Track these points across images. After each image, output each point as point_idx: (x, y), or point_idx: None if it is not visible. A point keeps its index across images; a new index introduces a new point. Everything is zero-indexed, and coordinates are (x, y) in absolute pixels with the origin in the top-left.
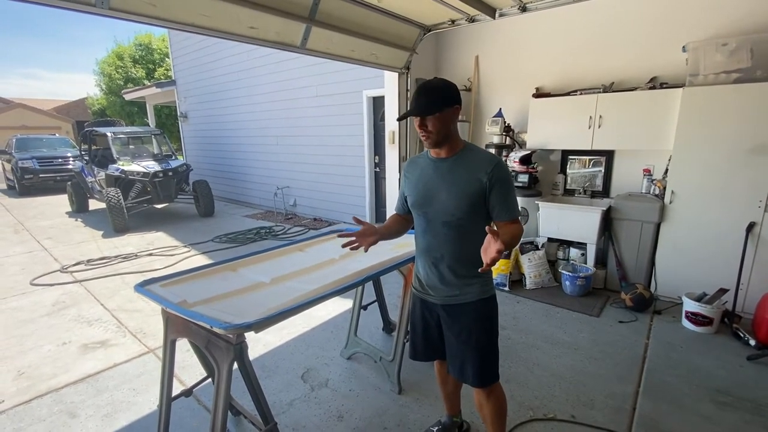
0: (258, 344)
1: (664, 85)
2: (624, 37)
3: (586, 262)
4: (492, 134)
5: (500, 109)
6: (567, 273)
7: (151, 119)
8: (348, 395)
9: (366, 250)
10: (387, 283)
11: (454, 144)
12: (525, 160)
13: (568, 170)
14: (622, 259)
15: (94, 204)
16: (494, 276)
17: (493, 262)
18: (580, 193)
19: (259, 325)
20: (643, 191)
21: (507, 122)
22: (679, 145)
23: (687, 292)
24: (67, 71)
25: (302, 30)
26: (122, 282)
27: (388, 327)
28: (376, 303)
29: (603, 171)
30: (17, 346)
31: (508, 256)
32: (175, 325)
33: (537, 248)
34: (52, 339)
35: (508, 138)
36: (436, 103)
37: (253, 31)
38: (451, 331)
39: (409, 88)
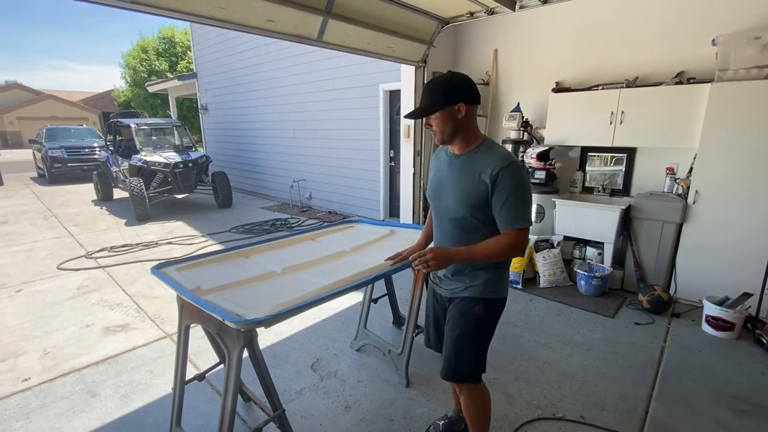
0: (269, 333)
1: (691, 80)
2: (650, 29)
3: (602, 262)
4: (509, 129)
5: (518, 103)
6: (582, 272)
7: (173, 111)
8: (356, 386)
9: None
10: (398, 278)
11: (467, 140)
12: (542, 157)
13: (587, 167)
14: (640, 260)
15: (118, 193)
16: None
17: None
18: (599, 191)
19: (269, 321)
20: (666, 190)
21: (525, 117)
22: (706, 142)
23: (708, 295)
24: (95, 64)
25: (319, 23)
26: (142, 269)
27: (398, 321)
28: (387, 297)
29: (624, 169)
30: (44, 326)
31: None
32: (190, 312)
33: (552, 246)
34: (76, 321)
35: (525, 133)
36: (438, 102)
37: (271, 24)
38: (448, 324)
39: (425, 81)
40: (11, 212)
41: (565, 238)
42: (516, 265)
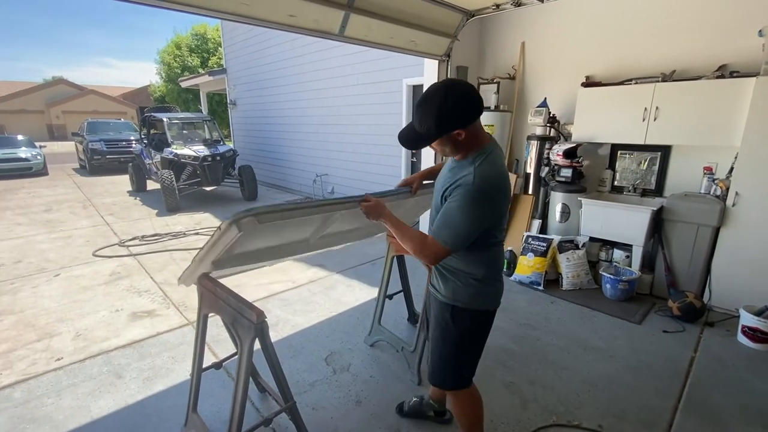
0: (287, 325)
1: (734, 74)
2: (689, 20)
3: (630, 265)
4: (535, 125)
5: (545, 98)
6: (608, 275)
7: (204, 106)
8: (368, 381)
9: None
10: (414, 275)
11: (469, 151)
12: (569, 154)
13: (617, 166)
14: (672, 264)
15: (151, 184)
16: (528, 274)
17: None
18: (629, 191)
19: (261, 215)
20: (702, 191)
21: (552, 113)
22: (749, 141)
23: (746, 304)
24: (134, 60)
25: (341, 17)
26: (170, 258)
27: (413, 318)
28: (402, 293)
29: (657, 168)
30: (77, 309)
31: (544, 254)
32: (208, 301)
33: (577, 247)
34: (107, 306)
35: (552, 130)
36: (431, 134)
37: (292, 19)
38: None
39: (449, 76)
40: (54, 201)
41: (591, 239)
42: (538, 265)
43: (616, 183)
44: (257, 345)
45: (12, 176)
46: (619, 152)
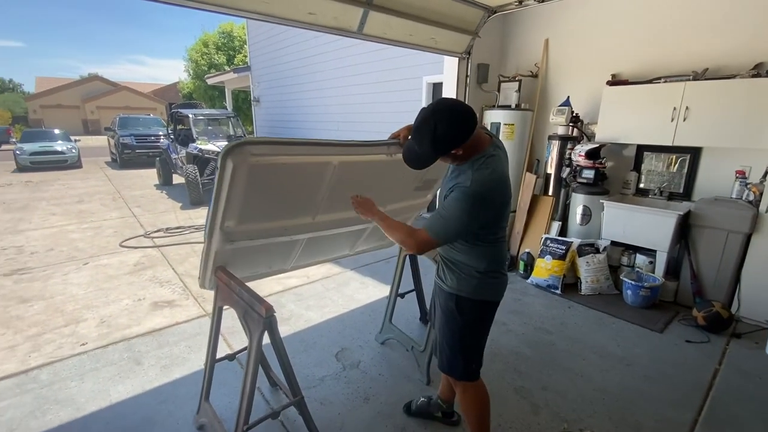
0: (300, 320)
1: None
2: (724, 16)
3: (653, 271)
4: (557, 125)
5: (568, 97)
6: (630, 281)
7: (228, 103)
8: (377, 379)
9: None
10: (427, 275)
11: (468, 158)
12: (592, 154)
13: (642, 168)
14: (698, 272)
15: (176, 178)
16: (545, 277)
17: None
18: (655, 194)
19: (256, 145)
20: (734, 196)
21: (575, 112)
22: None
23: None
24: (165, 58)
25: (359, 14)
26: (192, 250)
27: (424, 317)
28: (414, 292)
29: (686, 170)
30: (103, 297)
31: (563, 258)
32: (223, 294)
33: (598, 251)
34: (131, 294)
35: (574, 129)
36: (430, 156)
37: (312, 17)
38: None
39: (469, 73)
40: (86, 193)
41: (613, 243)
42: (556, 269)
43: (641, 186)
44: (268, 339)
45: (49, 168)
46: (645, 153)
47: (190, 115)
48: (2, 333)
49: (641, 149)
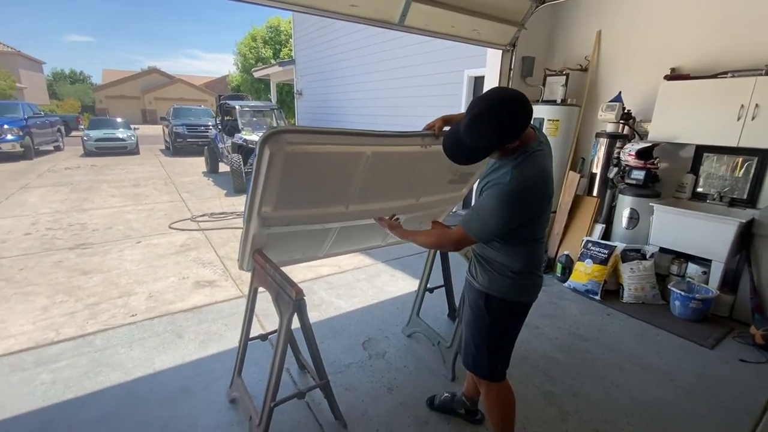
0: (330, 307)
1: None
2: None
3: (707, 283)
4: (605, 121)
5: (619, 92)
6: (679, 291)
7: (273, 96)
8: (401, 370)
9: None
10: (458, 272)
11: (512, 152)
12: (643, 154)
13: (701, 170)
14: (759, 286)
15: (222, 167)
16: (584, 281)
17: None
18: (713, 199)
19: (291, 134)
20: None
21: (626, 108)
22: None
23: None
24: (217, 52)
25: (401, 6)
26: (233, 235)
27: (452, 313)
28: (444, 288)
29: (752, 175)
30: (152, 274)
31: (604, 262)
32: (259, 276)
33: (644, 258)
34: (176, 273)
35: (625, 127)
36: (482, 153)
37: (353, 8)
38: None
39: (512, 67)
40: (142, 177)
41: (662, 250)
42: (596, 273)
43: (698, 189)
44: (298, 324)
45: (111, 153)
46: (704, 155)
47: (237, 107)
48: (65, 300)
49: (700, 150)
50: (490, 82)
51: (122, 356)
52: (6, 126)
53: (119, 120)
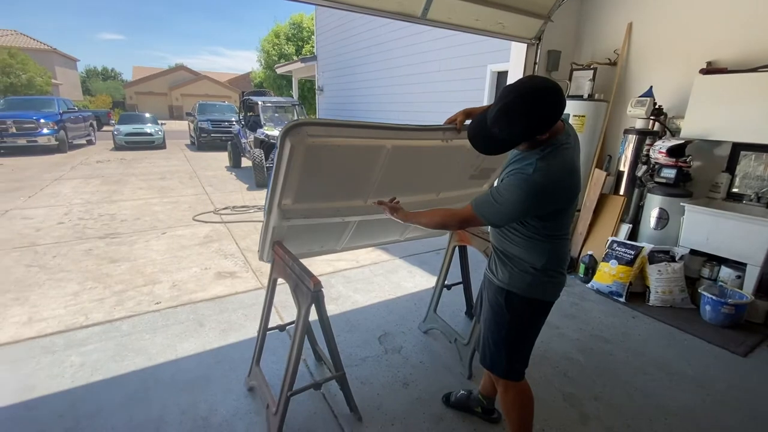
0: (347, 301)
1: None
2: None
3: (741, 287)
4: (635, 117)
5: (650, 87)
6: (710, 296)
7: (294, 92)
8: (417, 366)
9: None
10: (477, 270)
11: (544, 142)
12: (675, 151)
13: (738, 169)
14: None
15: (245, 162)
16: (608, 283)
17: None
18: (751, 200)
19: (310, 126)
20: None
21: (658, 104)
22: None
23: None
24: (240, 49)
25: None
26: (254, 228)
27: (470, 311)
28: (462, 285)
29: None
30: (176, 264)
31: (630, 263)
32: (278, 267)
33: (673, 260)
34: (199, 264)
35: (656, 123)
36: (511, 143)
37: (376, 2)
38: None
39: (537, 61)
40: (168, 171)
41: (692, 252)
42: (621, 275)
43: (734, 189)
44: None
45: (139, 148)
46: (741, 153)
47: (259, 102)
48: (95, 287)
49: (737, 148)
50: (514, 77)
51: (146, 342)
52: (42, 120)
53: (147, 115)
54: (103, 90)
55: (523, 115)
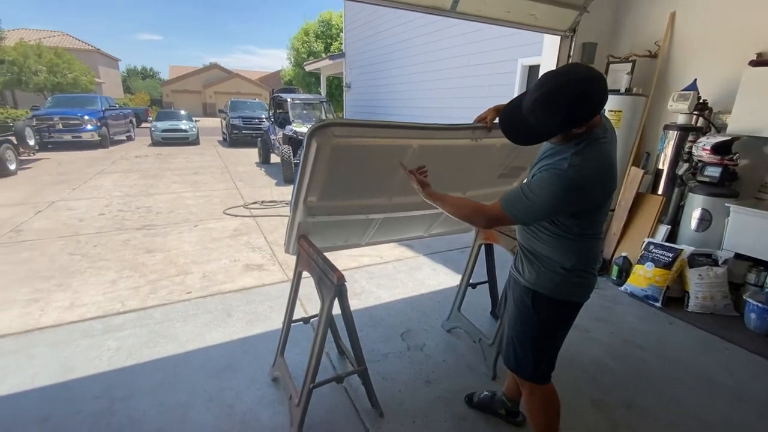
0: (370, 297)
1: None
2: None
3: None
4: (676, 112)
5: (695, 80)
6: (756, 303)
7: (323, 89)
8: (440, 365)
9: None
10: (503, 268)
11: (580, 135)
12: (720, 149)
13: None
14: None
15: (274, 158)
16: (643, 286)
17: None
18: None
19: (337, 127)
20: None
21: (702, 98)
22: None
23: None
24: (271, 47)
25: None
26: (281, 222)
27: (496, 310)
28: (488, 284)
29: None
30: (206, 256)
31: (668, 267)
32: (303, 260)
33: (715, 264)
34: (228, 255)
35: (699, 118)
36: (547, 134)
37: None
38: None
39: (572, 54)
40: (201, 166)
41: (737, 256)
42: (658, 278)
43: None
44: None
45: (174, 143)
46: None
47: (288, 99)
48: (131, 275)
49: None
50: (546, 70)
51: (177, 330)
52: (86, 117)
53: (182, 112)
54: (142, 88)
55: (564, 106)
